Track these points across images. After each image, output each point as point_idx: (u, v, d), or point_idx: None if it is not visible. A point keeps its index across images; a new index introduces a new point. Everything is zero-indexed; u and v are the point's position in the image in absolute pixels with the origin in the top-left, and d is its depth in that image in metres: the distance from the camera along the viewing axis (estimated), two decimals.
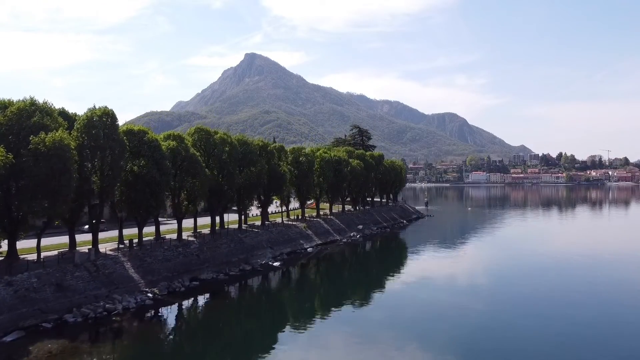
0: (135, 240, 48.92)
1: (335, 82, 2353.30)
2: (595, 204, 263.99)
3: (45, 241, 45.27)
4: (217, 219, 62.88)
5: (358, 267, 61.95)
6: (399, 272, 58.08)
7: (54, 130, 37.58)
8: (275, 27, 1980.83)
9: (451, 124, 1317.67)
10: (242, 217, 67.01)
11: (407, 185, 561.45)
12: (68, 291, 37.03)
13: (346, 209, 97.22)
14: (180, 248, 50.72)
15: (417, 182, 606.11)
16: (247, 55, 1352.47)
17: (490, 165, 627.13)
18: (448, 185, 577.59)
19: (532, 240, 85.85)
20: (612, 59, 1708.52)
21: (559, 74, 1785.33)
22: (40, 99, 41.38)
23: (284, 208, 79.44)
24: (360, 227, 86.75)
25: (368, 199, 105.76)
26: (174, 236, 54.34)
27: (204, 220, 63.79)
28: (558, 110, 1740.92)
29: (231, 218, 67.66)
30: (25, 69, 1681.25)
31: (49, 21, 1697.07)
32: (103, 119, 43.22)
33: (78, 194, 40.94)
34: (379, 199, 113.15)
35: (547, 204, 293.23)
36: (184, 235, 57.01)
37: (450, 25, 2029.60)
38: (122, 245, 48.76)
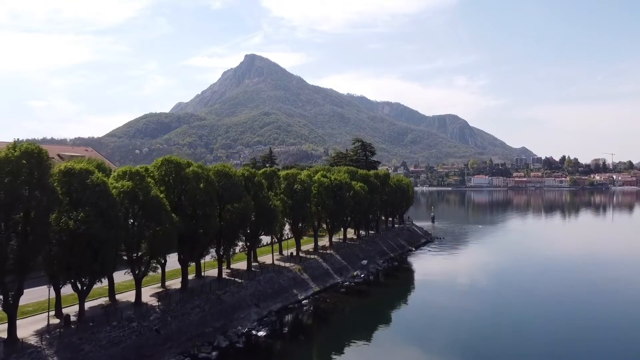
0: (76, 311, 37.80)
1: (336, 83, 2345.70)
2: (602, 210, 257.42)
3: None
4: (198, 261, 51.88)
5: (361, 332, 49.10)
6: (411, 339, 47.25)
7: None
8: (275, 27, 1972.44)
9: (452, 125, 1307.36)
10: (223, 264, 55.65)
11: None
12: None
13: (348, 237, 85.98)
14: (135, 322, 39.08)
15: (419, 185, 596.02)
16: (247, 56, 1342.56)
17: (492, 169, 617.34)
18: (450, 189, 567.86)
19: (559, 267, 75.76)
20: (612, 60, 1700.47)
21: (559, 75, 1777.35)
22: (40, 99, 29.51)
23: (276, 238, 68.30)
24: (365, 262, 75.33)
25: (372, 222, 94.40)
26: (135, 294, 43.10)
27: (177, 265, 52.01)
28: (559, 111, 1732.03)
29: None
30: (25, 69, 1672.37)
31: (49, 21, 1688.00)
32: (23, 160, 31.91)
33: None
34: (383, 219, 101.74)
35: (554, 210, 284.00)
36: (147, 294, 45.86)
37: (450, 26, 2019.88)
38: (59, 320, 37.33)
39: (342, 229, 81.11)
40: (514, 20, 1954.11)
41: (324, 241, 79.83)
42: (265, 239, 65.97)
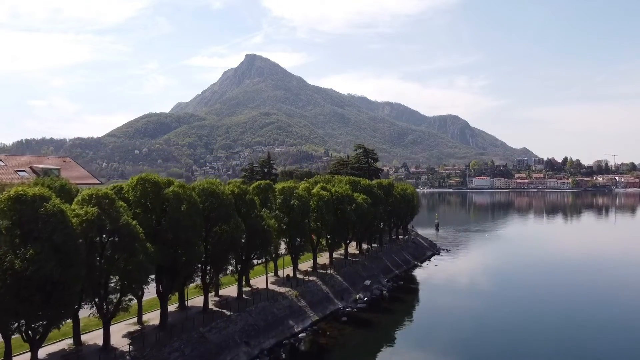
0: None
1: (336, 83, 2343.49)
2: (606, 213, 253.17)
3: None
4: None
5: None
6: None
7: None
8: (275, 27, 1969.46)
9: (453, 126, 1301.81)
10: (210, 292, 49.52)
11: None
12: None
13: (350, 251, 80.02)
14: None
15: (420, 187, 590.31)
16: (247, 56, 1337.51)
17: (494, 170, 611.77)
18: (451, 190, 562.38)
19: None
20: (613, 61, 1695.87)
21: (560, 75, 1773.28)
22: (40, 99, 23.85)
23: (271, 258, 62.16)
24: (368, 282, 69.16)
25: (375, 235, 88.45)
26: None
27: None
28: (559, 112, 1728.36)
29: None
30: (25, 69, 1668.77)
31: (49, 21, 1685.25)
32: None
33: None
34: (387, 229, 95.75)
35: (557, 213, 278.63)
36: (119, 334, 39.85)
37: (450, 26, 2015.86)
38: None
39: (343, 245, 75.06)
40: (514, 20, 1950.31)
41: (323, 257, 73.83)
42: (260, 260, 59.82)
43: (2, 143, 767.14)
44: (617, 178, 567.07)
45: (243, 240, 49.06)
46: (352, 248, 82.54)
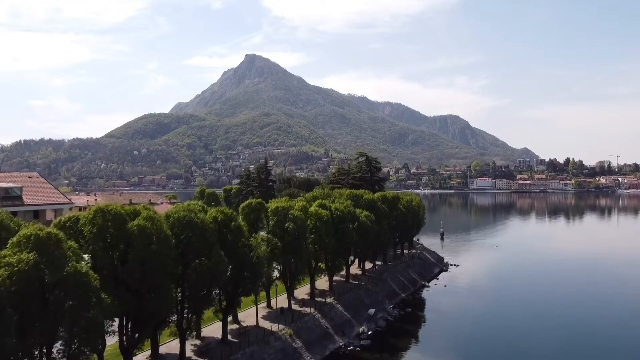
0: None
1: (336, 83, 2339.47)
2: (613, 215, 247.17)
3: None
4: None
5: None
6: None
7: None
8: (275, 27, 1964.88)
9: (453, 126, 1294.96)
10: (189, 336, 42.31)
11: (410, 191, 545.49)
12: None
13: (352, 271, 72.95)
14: None
15: (421, 188, 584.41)
16: (247, 56, 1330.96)
17: (495, 171, 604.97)
18: (452, 191, 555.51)
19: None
20: (613, 61, 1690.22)
21: (559, 75, 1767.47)
22: (40, 99, 17.05)
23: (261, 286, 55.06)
24: (372, 311, 61.91)
25: (379, 253, 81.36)
26: None
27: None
28: (560, 111, 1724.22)
29: None
30: (25, 69, 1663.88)
31: (49, 21, 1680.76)
32: None
33: None
34: (391, 244, 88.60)
35: (562, 215, 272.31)
36: None
37: (451, 26, 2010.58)
38: None
39: (344, 266, 67.88)
40: (514, 20, 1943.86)
41: (323, 280, 66.51)
42: None
43: (0, 144, 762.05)
44: (620, 179, 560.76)
45: (229, 273, 42.02)
46: (354, 267, 75.43)
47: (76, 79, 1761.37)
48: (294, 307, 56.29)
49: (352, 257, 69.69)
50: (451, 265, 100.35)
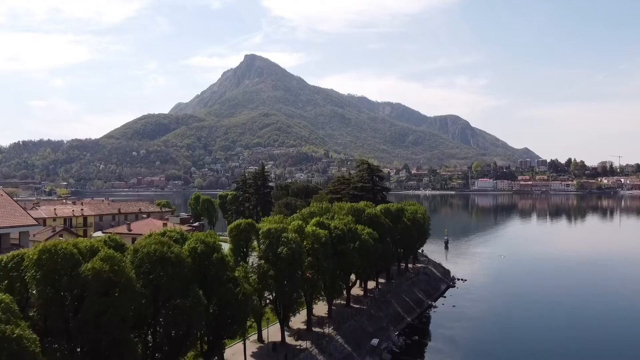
0: None
1: (336, 83, 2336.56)
2: (613, 216, 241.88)
3: None
4: None
5: None
6: None
7: None
8: (275, 27, 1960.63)
9: (453, 126, 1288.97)
10: None
11: (411, 192, 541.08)
12: None
13: (353, 292, 67.38)
14: None
15: (421, 189, 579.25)
16: (246, 56, 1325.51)
17: (497, 172, 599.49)
18: (453, 193, 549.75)
19: None
20: (613, 60, 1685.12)
21: (559, 74, 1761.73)
22: (40, 99, 11.89)
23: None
24: (375, 341, 56.29)
25: (383, 270, 75.76)
26: None
27: None
28: (560, 111, 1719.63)
29: None
30: (25, 69, 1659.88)
31: (48, 21, 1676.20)
32: None
33: None
34: (395, 260, 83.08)
35: (565, 217, 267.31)
36: None
37: (450, 25, 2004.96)
38: None
39: (344, 289, 62.23)
40: (514, 19, 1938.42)
41: (320, 305, 60.40)
42: None
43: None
44: (622, 180, 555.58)
45: (210, 318, 36.44)
46: (356, 287, 69.76)
47: (76, 79, 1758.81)
48: (289, 340, 50.81)
49: (353, 278, 64.05)
50: (458, 279, 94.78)
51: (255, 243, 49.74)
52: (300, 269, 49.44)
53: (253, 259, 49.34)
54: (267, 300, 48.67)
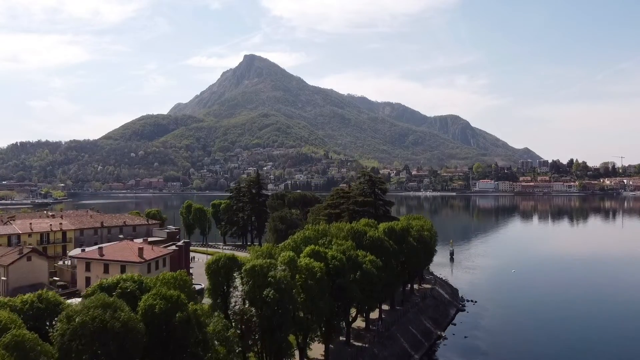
0: None
1: (336, 83, 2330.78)
2: (619, 217, 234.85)
3: None
4: None
5: None
6: None
7: None
8: (274, 27, 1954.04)
9: (454, 126, 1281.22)
10: None
11: (411, 194, 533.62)
12: None
13: (354, 325, 59.83)
14: None
15: (422, 190, 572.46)
16: (246, 56, 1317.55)
17: (498, 173, 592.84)
18: (454, 194, 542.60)
19: None
20: (612, 60, 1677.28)
21: (559, 74, 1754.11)
22: (40, 99, 4.91)
23: None
24: None
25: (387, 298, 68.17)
26: None
27: None
28: (560, 111, 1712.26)
29: None
30: (25, 69, 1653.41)
31: (47, 22, 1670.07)
32: None
33: None
34: (400, 281, 75.32)
35: (571, 219, 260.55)
36: None
37: (450, 25, 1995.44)
38: None
39: (344, 325, 54.69)
40: (514, 19, 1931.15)
41: (316, 346, 52.34)
42: None
43: None
44: (625, 181, 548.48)
45: None
46: (358, 319, 62.09)
47: (75, 80, 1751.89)
48: None
49: (353, 313, 56.52)
50: (468, 301, 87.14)
51: (237, 281, 42.21)
52: (293, 312, 41.92)
53: (236, 299, 41.95)
54: (253, 351, 41.11)
